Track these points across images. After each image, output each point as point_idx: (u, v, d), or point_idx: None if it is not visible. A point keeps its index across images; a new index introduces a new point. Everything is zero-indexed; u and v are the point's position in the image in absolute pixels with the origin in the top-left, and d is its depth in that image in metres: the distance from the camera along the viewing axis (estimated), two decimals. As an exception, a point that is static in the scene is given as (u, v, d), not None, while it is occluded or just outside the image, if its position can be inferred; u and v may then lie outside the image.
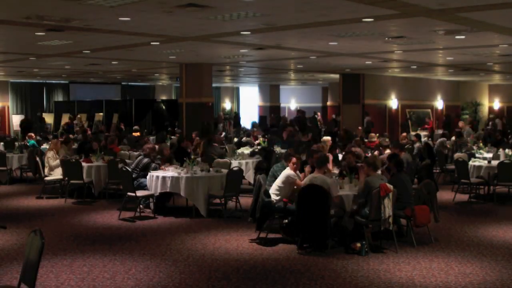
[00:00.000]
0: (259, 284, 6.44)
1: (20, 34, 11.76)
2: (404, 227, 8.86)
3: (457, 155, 13.17)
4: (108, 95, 32.00)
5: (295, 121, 22.73)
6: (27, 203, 11.81)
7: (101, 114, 27.62)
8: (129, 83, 32.52)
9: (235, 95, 38.53)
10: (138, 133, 21.01)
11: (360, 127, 21.68)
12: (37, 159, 13.48)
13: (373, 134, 16.27)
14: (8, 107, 28.86)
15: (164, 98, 32.89)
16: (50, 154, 12.56)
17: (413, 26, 10.95)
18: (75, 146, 16.28)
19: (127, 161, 12.46)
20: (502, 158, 12.38)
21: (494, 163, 11.98)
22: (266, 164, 11.77)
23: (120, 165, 11.24)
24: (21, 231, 9.06)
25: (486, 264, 7.18)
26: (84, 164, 12.02)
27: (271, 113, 31.71)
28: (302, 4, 8.63)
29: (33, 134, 18.51)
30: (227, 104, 37.36)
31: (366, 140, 15.71)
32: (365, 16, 9.64)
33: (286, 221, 8.49)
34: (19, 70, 22.23)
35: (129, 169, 10.28)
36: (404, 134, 17.60)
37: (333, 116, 26.84)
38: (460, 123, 15.42)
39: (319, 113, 30.29)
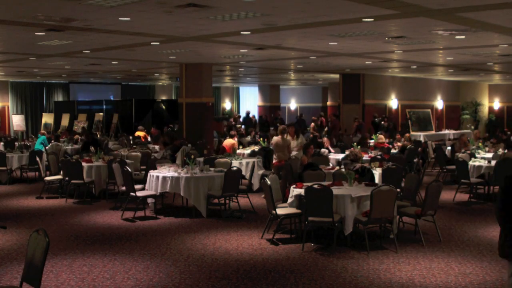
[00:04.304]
0: (259, 284, 6.44)
1: (20, 34, 11.75)
2: (412, 225, 8.89)
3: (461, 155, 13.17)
4: (108, 95, 32.03)
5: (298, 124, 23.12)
6: (27, 203, 11.81)
7: (101, 114, 27.63)
8: (129, 83, 32.51)
9: (235, 95, 38.52)
10: (143, 133, 20.98)
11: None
12: (37, 159, 13.52)
13: (381, 136, 16.31)
14: (8, 107, 28.86)
15: (164, 98, 32.90)
16: None
17: (413, 26, 10.94)
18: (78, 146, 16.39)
19: (127, 161, 12.47)
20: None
21: (494, 163, 11.99)
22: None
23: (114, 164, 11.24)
24: (21, 231, 9.06)
25: (486, 264, 7.19)
26: (84, 164, 12.02)
27: (271, 113, 31.74)
28: (302, 4, 8.63)
29: (45, 132, 18.52)
30: (227, 104, 37.36)
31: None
32: (365, 16, 9.63)
33: None
34: (19, 70, 22.22)
35: (129, 170, 10.28)
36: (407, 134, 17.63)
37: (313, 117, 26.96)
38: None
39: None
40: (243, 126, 26.80)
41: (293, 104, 37.61)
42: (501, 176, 11.35)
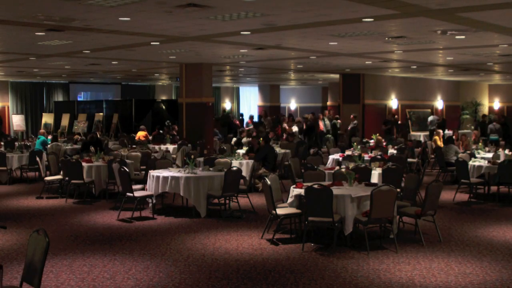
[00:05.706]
0: (259, 284, 6.44)
1: (20, 34, 11.75)
2: (412, 225, 8.89)
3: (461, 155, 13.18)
4: (108, 95, 32.02)
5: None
6: (27, 203, 11.81)
7: (101, 114, 27.63)
8: (129, 83, 32.51)
9: (235, 95, 38.51)
10: (145, 132, 20.96)
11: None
12: (37, 159, 13.52)
13: (380, 138, 16.35)
14: (8, 107, 28.87)
15: (164, 98, 32.89)
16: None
17: (413, 26, 10.95)
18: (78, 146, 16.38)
19: (127, 161, 12.46)
20: (502, 158, 12.39)
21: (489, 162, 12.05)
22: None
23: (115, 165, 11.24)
24: (21, 231, 9.06)
25: (486, 264, 7.18)
26: (84, 164, 12.02)
27: (271, 113, 31.74)
28: (302, 4, 8.63)
29: (44, 132, 18.50)
30: (227, 104, 37.36)
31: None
32: (365, 16, 9.63)
33: None
34: (19, 70, 22.23)
35: (126, 170, 10.25)
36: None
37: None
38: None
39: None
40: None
41: (293, 104, 37.61)
42: (505, 178, 11.39)
